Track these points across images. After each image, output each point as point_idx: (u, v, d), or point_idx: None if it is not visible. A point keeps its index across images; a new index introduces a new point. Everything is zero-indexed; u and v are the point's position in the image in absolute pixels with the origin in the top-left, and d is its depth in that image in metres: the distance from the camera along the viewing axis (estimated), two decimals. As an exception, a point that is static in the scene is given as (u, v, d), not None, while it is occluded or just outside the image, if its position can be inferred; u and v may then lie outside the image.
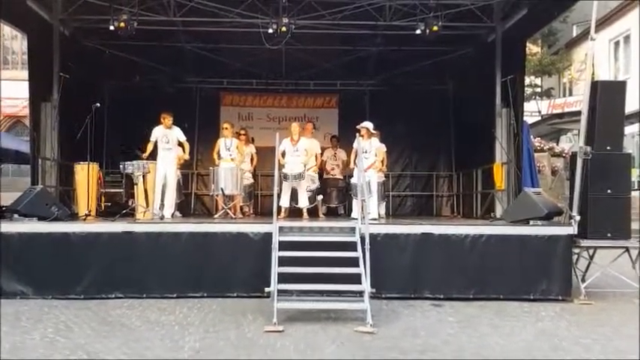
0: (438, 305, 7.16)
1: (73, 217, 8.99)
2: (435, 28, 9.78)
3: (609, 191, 7.62)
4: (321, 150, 11.65)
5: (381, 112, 12.68)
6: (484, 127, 11.00)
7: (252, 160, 11.41)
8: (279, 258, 6.52)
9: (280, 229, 7.07)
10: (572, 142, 22.41)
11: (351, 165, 9.86)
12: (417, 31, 9.97)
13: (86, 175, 9.12)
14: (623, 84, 8.39)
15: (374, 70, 13.41)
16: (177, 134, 9.77)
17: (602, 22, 20.16)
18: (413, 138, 13.84)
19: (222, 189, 9.68)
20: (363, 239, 6.76)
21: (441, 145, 13.98)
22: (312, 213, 10.44)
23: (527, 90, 24.40)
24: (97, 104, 9.18)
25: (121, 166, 9.03)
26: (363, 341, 5.52)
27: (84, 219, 8.56)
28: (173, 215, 9.94)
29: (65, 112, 10.39)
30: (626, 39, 21.06)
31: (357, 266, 6.58)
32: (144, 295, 7.29)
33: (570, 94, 25.94)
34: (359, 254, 6.71)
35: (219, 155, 10.22)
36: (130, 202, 9.60)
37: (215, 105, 13.93)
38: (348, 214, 11.16)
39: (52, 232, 7.45)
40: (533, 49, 25.57)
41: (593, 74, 9.57)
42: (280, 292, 6.23)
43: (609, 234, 7.59)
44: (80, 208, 9.30)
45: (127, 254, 7.42)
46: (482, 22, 10.55)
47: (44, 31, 10.20)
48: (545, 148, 19.47)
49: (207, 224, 7.92)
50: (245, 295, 7.29)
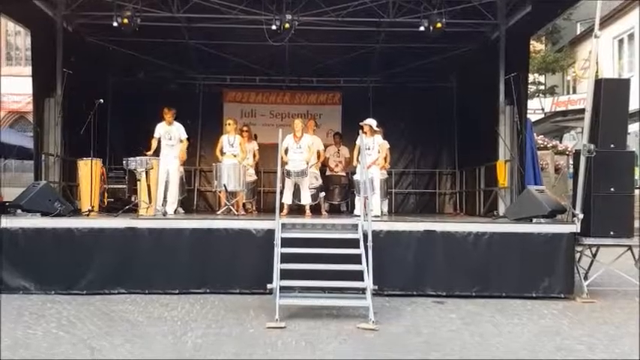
0: (440, 302, 7.17)
1: (76, 212, 9.00)
2: (439, 25, 9.75)
3: (612, 189, 7.61)
4: (324, 147, 11.66)
5: (384, 109, 12.69)
6: (487, 125, 10.97)
7: (254, 157, 11.41)
8: (281, 254, 6.53)
9: (283, 225, 7.09)
10: (576, 139, 22.40)
11: (354, 162, 9.85)
12: (421, 28, 9.94)
13: (89, 171, 9.13)
14: (627, 82, 8.36)
15: (377, 67, 13.37)
16: (179, 131, 9.77)
17: (606, 20, 20.10)
18: (416, 135, 13.86)
19: (225, 185, 9.68)
20: (365, 236, 6.76)
21: (444, 143, 13.97)
22: (315, 210, 10.45)
23: (531, 87, 24.36)
24: (101, 100, 9.23)
25: (124, 162, 9.03)
26: (365, 338, 5.52)
27: (87, 215, 8.58)
28: (176, 211, 9.95)
29: (68, 108, 10.41)
30: (630, 37, 20.99)
31: (360, 263, 6.59)
32: (147, 291, 7.32)
33: (574, 91, 25.88)
34: (361, 251, 6.71)
35: (222, 152, 10.22)
36: (133, 198, 9.59)
37: (218, 101, 13.95)
38: (350, 211, 11.16)
39: (55, 227, 7.47)
40: (537, 46, 25.51)
41: (597, 72, 9.55)
42: (282, 289, 6.24)
43: (612, 232, 7.58)
44: (83, 203, 9.31)
45: (129, 250, 7.45)
46: (486, 20, 10.51)
47: (48, 28, 10.22)
48: (549, 145, 19.46)
49: (209, 220, 7.92)
50: (247, 292, 7.32)
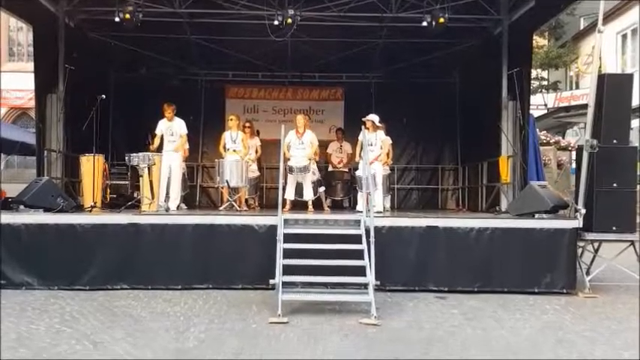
0: (442, 298, 7.17)
1: (78, 208, 9.03)
2: (442, 20, 9.73)
3: (615, 185, 7.58)
4: (327, 143, 11.67)
5: (387, 104, 12.66)
6: (490, 120, 10.96)
7: (256, 153, 11.40)
8: (283, 250, 6.54)
9: (285, 221, 7.10)
10: (579, 135, 22.35)
11: (357, 158, 9.85)
12: (424, 23, 9.91)
13: (92, 167, 9.13)
14: (630, 77, 8.33)
15: (380, 63, 13.35)
16: (180, 126, 9.77)
17: (610, 15, 20.03)
18: (418, 131, 13.85)
19: (227, 181, 9.69)
20: (367, 232, 6.75)
21: (447, 138, 13.94)
22: (317, 206, 10.45)
23: (534, 83, 24.31)
24: (103, 96, 9.22)
25: (127, 158, 9.05)
26: (367, 333, 5.53)
27: (89, 210, 8.60)
28: (178, 207, 9.97)
29: (71, 103, 10.42)
30: (634, 32, 20.91)
31: (362, 259, 6.60)
32: (149, 287, 7.33)
33: (577, 87, 25.85)
34: (364, 247, 6.72)
35: (224, 148, 10.21)
36: (136, 194, 9.62)
37: (220, 97, 13.96)
38: (352, 206, 11.15)
39: (57, 223, 7.47)
40: (540, 41, 25.47)
41: (600, 67, 9.50)
42: (285, 284, 6.25)
43: (614, 227, 7.55)
44: (86, 199, 9.33)
45: (132, 246, 7.45)
46: (489, 15, 10.48)
47: (50, 23, 10.21)
48: (552, 141, 19.44)
49: (212, 216, 7.92)
50: (250, 287, 7.32)
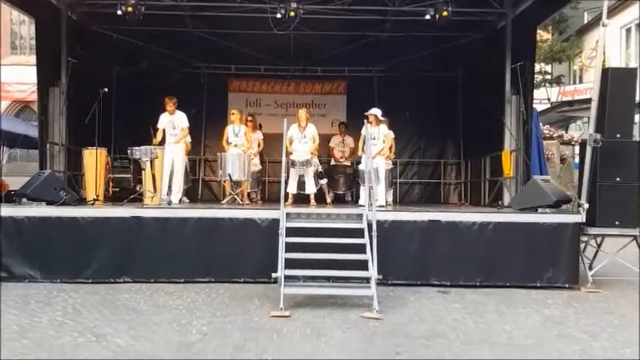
0: (444, 292, 7.17)
1: (81, 201, 9.05)
2: (445, 13, 9.70)
3: (618, 179, 7.57)
4: (329, 136, 11.64)
5: (390, 98, 12.62)
6: (493, 114, 10.93)
7: (258, 146, 11.39)
8: (286, 244, 6.53)
9: (287, 215, 7.09)
10: (582, 129, 22.32)
11: (359, 152, 9.84)
12: (427, 17, 9.89)
13: (94, 160, 9.14)
14: (634, 71, 8.32)
15: (383, 57, 13.29)
16: (181, 119, 9.76)
17: (614, 9, 19.92)
18: (421, 125, 13.80)
19: (229, 175, 9.68)
20: (370, 226, 6.75)
21: (450, 132, 13.89)
22: (320, 199, 10.45)
23: (537, 77, 24.25)
24: (105, 89, 9.20)
25: (129, 152, 9.06)
26: (369, 327, 5.53)
27: (92, 204, 8.61)
28: (181, 201, 9.97)
29: (73, 97, 10.42)
30: (638, 26, 20.83)
31: (364, 253, 6.59)
32: (152, 280, 7.34)
33: (580, 81, 25.77)
34: (366, 241, 6.71)
35: (227, 142, 10.20)
36: (138, 188, 9.63)
37: (223, 91, 13.92)
38: (355, 200, 11.16)
39: (60, 216, 7.47)
40: (543, 35, 25.38)
41: (603, 61, 9.48)
42: (287, 278, 6.25)
43: (617, 222, 7.55)
44: (88, 192, 9.33)
45: (134, 239, 7.45)
46: (493, 8, 10.44)
47: (52, 16, 10.21)
48: (555, 135, 19.41)
49: (214, 210, 7.93)
50: (252, 281, 7.33)
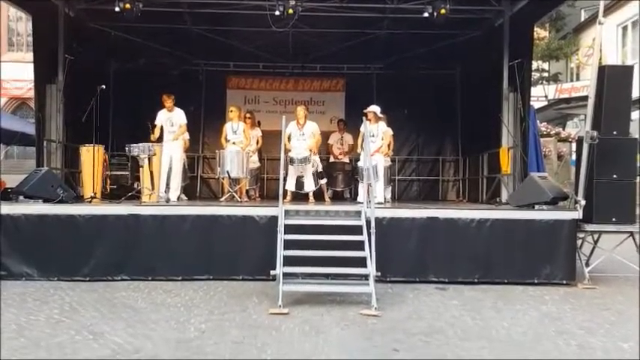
0: (442, 289, 7.19)
1: (78, 199, 9.03)
2: (443, 11, 9.66)
3: (615, 176, 7.60)
4: (328, 134, 11.63)
5: (388, 95, 12.59)
6: (491, 112, 10.93)
7: (257, 144, 11.39)
8: (284, 241, 6.54)
9: (286, 212, 7.10)
10: (579, 127, 22.34)
11: (358, 149, 9.85)
12: (425, 14, 9.86)
13: (92, 158, 9.14)
14: (630, 69, 8.33)
15: (381, 54, 13.26)
16: (180, 116, 9.75)
17: (611, 7, 19.98)
18: (419, 122, 13.80)
19: (228, 172, 9.69)
20: (368, 223, 6.75)
21: (448, 130, 13.89)
22: (318, 197, 10.46)
23: (535, 74, 24.28)
24: (103, 86, 9.19)
25: (127, 149, 9.06)
26: (367, 324, 5.54)
27: (89, 201, 8.60)
28: (179, 198, 9.98)
29: (70, 94, 10.36)
30: (634, 24, 20.86)
31: (363, 250, 6.60)
32: (149, 278, 7.34)
33: (577, 78, 25.83)
34: (364, 238, 6.72)
35: (226, 139, 10.20)
36: (136, 185, 9.62)
37: (221, 88, 13.89)
38: (354, 198, 11.17)
39: (57, 214, 7.47)
40: (541, 33, 25.40)
41: (600, 59, 9.48)
42: (286, 275, 6.25)
43: (614, 219, 7.58)
44: (86, 190, 9.33)
45: (132, 237, 7.45)
46: (491, 6, 10.42)
47: (49, 13, 10.14)
48: (552, 133, 19.46)
49: (213, 207, 7.94)
50: (250, 278, 7.33)
